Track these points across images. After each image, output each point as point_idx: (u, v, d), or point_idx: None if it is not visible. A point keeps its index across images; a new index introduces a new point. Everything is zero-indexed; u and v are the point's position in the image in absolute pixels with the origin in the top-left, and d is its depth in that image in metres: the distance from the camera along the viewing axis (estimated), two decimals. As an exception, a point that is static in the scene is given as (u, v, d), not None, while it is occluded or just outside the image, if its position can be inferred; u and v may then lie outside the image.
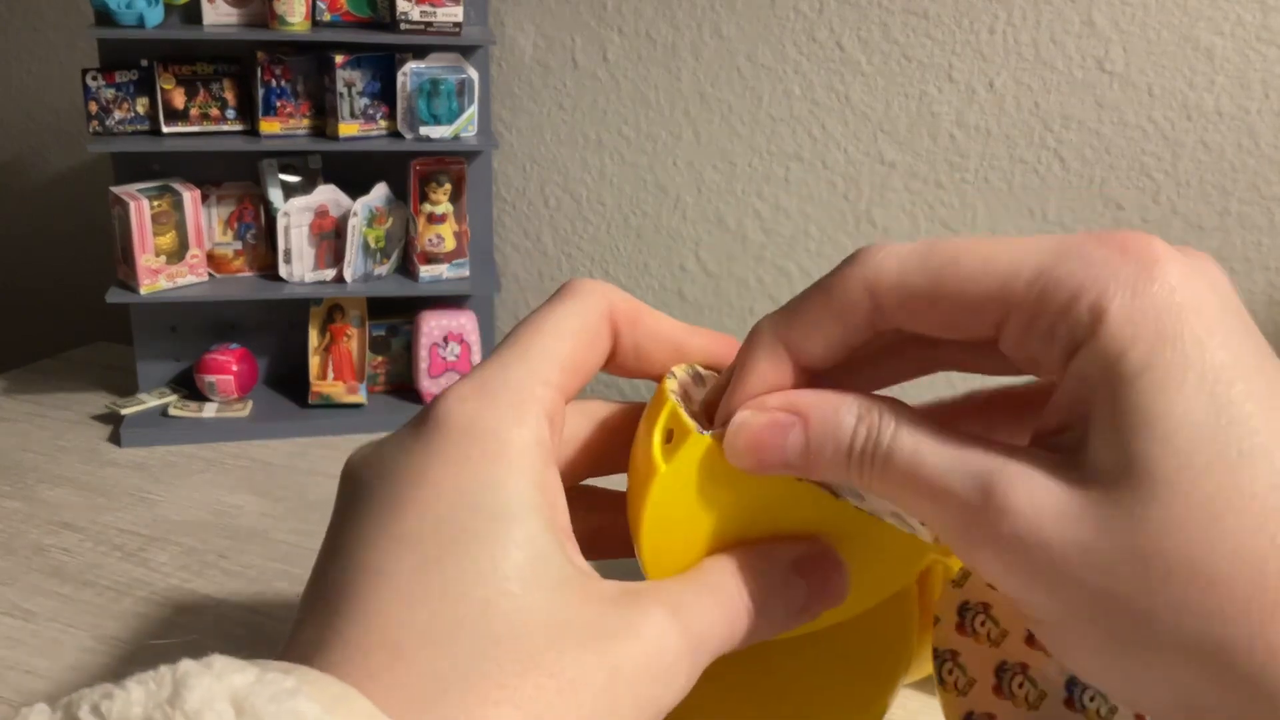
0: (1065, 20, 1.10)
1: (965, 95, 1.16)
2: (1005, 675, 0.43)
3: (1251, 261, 1.12)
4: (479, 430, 0.28)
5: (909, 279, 0.29)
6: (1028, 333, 0.28)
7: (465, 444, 0.28)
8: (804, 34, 1.20)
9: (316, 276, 1.20)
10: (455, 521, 0.26)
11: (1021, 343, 0.28)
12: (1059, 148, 1.14)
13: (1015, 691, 0.42)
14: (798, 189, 1.25)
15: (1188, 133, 1.10)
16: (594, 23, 1.27)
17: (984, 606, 0.44)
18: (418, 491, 0.27)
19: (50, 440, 1.15)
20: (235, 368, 1.21)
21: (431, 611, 0.25)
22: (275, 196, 1.19)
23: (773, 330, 0.32)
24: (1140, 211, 1.14)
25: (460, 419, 0.28)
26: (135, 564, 0.91)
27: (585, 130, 1.30)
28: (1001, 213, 1.18)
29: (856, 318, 0.30)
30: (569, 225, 1.35)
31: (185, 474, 1.08)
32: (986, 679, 0.43)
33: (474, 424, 0.28)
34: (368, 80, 1.16)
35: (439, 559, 0.25)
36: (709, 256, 1.31)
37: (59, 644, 0.80)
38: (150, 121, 1.17)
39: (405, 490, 0.27)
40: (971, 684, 0.43)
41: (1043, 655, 0.43)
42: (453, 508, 0.26)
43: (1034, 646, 0.50)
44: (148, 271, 1.15)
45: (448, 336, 1.23)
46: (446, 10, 1.13)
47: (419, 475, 0.27)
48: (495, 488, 0.27)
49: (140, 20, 1.09)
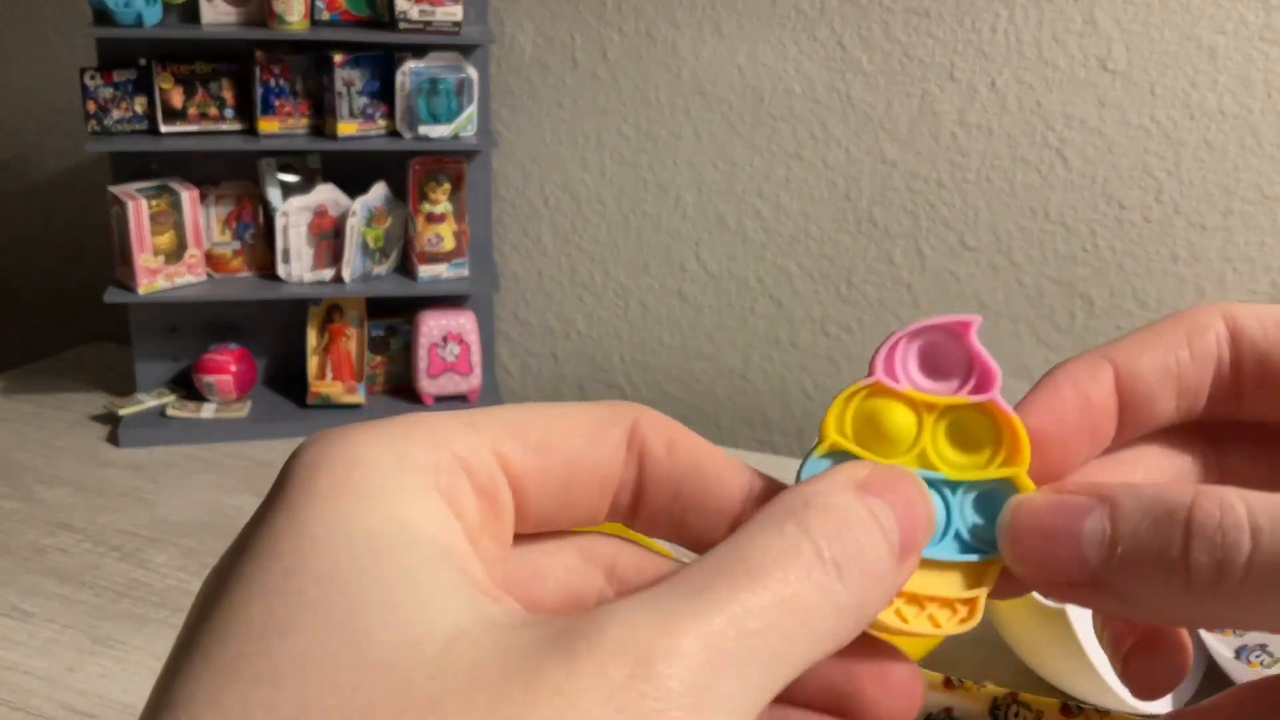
0: (1067, 19, 1.10)
1: (967, 94, 1.15)
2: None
3: (1254, 261, 1.12)
4: (329, 466, 0.20)
5: (1270, 329, 0.23)
6: None
7: (309, 483, 0.20)
8: (805, 33, 1.19)
9: (315, 276, 1.19)
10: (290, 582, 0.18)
11: None
12: (1061, 147, 1.14)
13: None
14: (798, 188, 1.24)
15: (1190, 132, 1.10)
16: (594, 21, 1.26)
17: (946, 713, 0.44)
18: (243, 558, 0.19)
19: (48, 441, 1.15)
20: (234, 368, 1.20)
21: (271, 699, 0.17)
22: (274, 196, 1.18)
23: (1095, 350, 0.25)
24: (1142, 211, 1.14)
25: (309, 457, 0.21)
26: (133, 565, 0.91)
27: (585, 129, 1.30)
28: (1003, 212, 1.18)
29: (1206, 344, 0.24)
30: (569, 225, 1.34)
31: (184, 474, 1.08)
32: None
33: (323, 460, 0.20)
34: (367, 79, 1.16)
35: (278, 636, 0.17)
36: (709, 256, 1.30)
37: (57, 644, 0.79)
38: (148, 121, 1.17)
39: (235, 560, 0.19)
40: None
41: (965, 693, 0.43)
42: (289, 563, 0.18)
43: (950, 689, 0.51)
44: (146, 271, 1.14)
45: (447, 336, 1.23)
46: (446, 9, 1.13)
47: (250, 538, 0.19)
48: (351, 519, 0.19)
49: (138, 19, 1.09)
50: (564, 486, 0.23)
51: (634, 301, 1.35)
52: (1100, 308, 1.18)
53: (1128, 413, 0.25)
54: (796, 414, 1.33)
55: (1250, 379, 0.24)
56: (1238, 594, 0.20)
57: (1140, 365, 0.24)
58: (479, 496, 0.22)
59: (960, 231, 1.20)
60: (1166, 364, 0.24)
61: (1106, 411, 0.24)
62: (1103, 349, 0.25)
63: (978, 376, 0.24)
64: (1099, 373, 0.24)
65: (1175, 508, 0.21)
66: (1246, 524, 0.20)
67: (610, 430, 0.23)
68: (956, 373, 0.25)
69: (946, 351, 0.25)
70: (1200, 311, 0.24)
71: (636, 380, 1.37)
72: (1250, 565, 0.20)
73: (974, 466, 0.24)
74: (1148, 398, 0.24)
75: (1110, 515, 0.22)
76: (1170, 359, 0.24)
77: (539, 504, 0.23)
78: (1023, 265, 1.19)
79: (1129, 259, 1.16)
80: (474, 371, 1.24)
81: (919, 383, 0.25)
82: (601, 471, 0.23)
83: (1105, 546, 0.21)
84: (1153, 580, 0.21)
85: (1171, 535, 0.21)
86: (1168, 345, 0.24)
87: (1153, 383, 0.24)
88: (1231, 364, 0.24)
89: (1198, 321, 0.24)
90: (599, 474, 0.23)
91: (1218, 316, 0.24)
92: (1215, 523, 0.20)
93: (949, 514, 0.24)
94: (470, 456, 0.22)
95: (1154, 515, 0.21)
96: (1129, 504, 0.21)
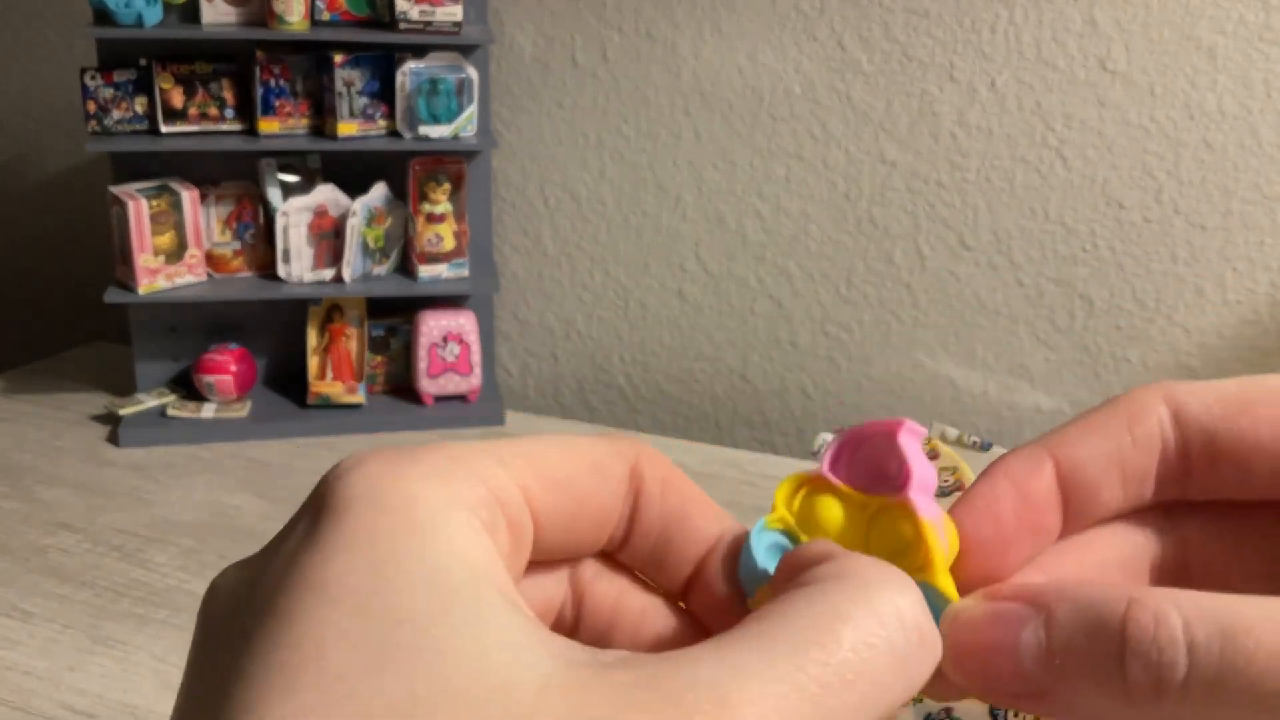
0: (1067, 19, 1.10)
1: (967, 94, 1.15)
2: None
3: (1254, 261, 1.12)
4: (387, 500, 0.20)
5: (1212, 406, 0.23)
6: None
7: (370, 518, 0.19)
8: (804, 33, 1.19)
9: (315, 276, 1.19)
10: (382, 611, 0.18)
11: None
12: (1061, 147, 1.14)
13: None
14: (798, 188, 1.24)
15: (1190, 132, 1.10)
16: (594, 21, 1.26)
17: (946, 712, 0.44)
18: (301, 591, 0.18)
19: (48, 440, 1.15)
20: (234, 368, 1.20)
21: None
22: (274, 196, 1.18)
23: (1035, 442, 0.25)
24: (1142, 211, 1.14)
25: (361, 489, 0.20)
26: (134, 564, 0.91)
27: (585, 129, 1.30)
28: (1003, 212, 1.18)
29: (1148, 429, 0.24)
30: (569, 225, 1.34)
31: (184, 474, 1.08)
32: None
33: (378, 493, 0.20)
34: (367, 79, 1.16)
35: (372, 671, 0.17)
36: (709, 256, 1.30)
37: (57, 644, 0.80)
38: (149, 121, 1.17)
39: (286, 591, 0.19)
40: None
41: None
42: (374, 596, 0.18)
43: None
44: (146, 271, 1.14)
45: (447, 336, 1.23)
46: (446, 9, 1.13)
47: (302, 568, 0.19)
48: (422, 559, 0.19)
49: (139, 19, 1.09)
50: (573, 520, 0.23)
51: (634, 301, 1.35)
52: (1100, 308, 1.18)
53: (1072, 504, 0.24)
54: (796, 414, 1.33)
55: (1198, 458, 0.24)
56: (1178, 708, 0.19)
57: (1080, 454, 0.24)
58: (509, 532, 0.22)
59: (960, 232, 1.20)
60: (1107, 451, 0.24)
61: (1047, 506, 0.24)
62: (1042, 440, 0.24)
63: (901, 477, 0.25)
64: (1038, 466, 0.24)
65: (1109, 618, 0.20)
66: (1181, 639, 0.19)
67: (615, 467, 0.24)
68: (897, 474, 0.25)
69: (889, 452, 0.25)
70: (1139, 394, 0.24)
71: (636, 380, 1.37)
72: (1188, 682, 0.19)
73: (906, 569, 0.24)
74: (1091, 487, 0.24)
75: (1046, 625, 0.21)
76: (1111, 445, 0.24)
77: (550, 536, 0.23)
78: (1022, 265, 1.19)
79: (1128, 259, 1.16)
80: (474, 371, 1.24)
81: (856, 481, 0.25)
82: (605, 508, 0.24)
83: (1043, 658, 0.21)
84: (1093, 692, 0.20)
85: (1107, 648, 0.20)
86: (1108, 432, 0.24)
87: (1095, 472, 0.24)
88: (1177, 445, 0.24)
89: (1137, 405, 0.24)
90: (604, 509, 0.24)
91: (1159, 399, 0.24)
92: (1149, 637, 0.20)
93: None
94: (503, 492, 0.22)
95: (1088, 626, 0.20)
96: (1063, 613, 0.21)
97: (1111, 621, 0.20)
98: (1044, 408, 1.23)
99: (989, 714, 0.56)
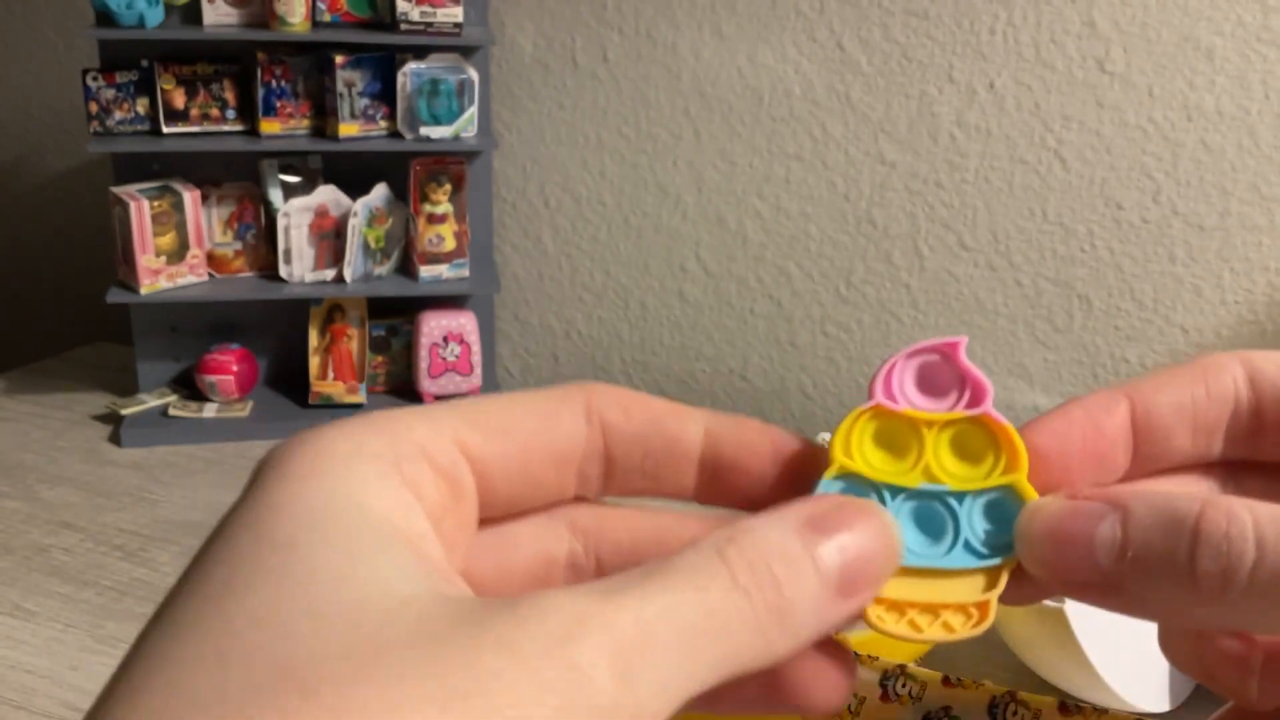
0: (1066, 21, 1.10)
1: (965, 95, 1.16)
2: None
3: (1252, 261, 1.12)
4: (298, 458, 0.22)
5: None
6: None
7: (279, 471, 0.22)
8: (804, 34, 1.20)
9: (316, 277, 1.20)
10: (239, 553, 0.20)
11: None
12: (1059, 148, 1.14)
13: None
14: (798, 189, 1.25)
15: (1188, 133, 1.10)
16: (594, 22, 1.27)
17: (945, 711, 0.44)
18: (212, 537, 0.21)
19: (50, 440, 1.15)
20: (235, 368, 1.21)
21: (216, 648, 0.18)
22: (275, 197, 1.19)
23: (1114, 386, 0.26)
24: (1140, 212, 1.14)
25: (280, 454, 0.22)
26: (136, 564, 0.91)
27: (585, 130, 1.30)
28: (1002, 213, 1.18)
29: (1223, 384, 0.25)
30: (569, 225, 1.35)
31: (185, 474, 1.08)
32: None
33: (293, 454, 0.22)
34: (368, 80, 1.16)
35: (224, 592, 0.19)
36: (709, 256, 1.31)
37: (59, 644, 0.80)
38: (150, 122, 1.17)
39: (208, 541, 0.21)
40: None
41: (963, 692, 0.44)
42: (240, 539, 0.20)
43: (949, 687, 0.53)
44: (148, 272, 1.15)
45: (448, 336, 1.23)
46: (446, 10, 1.13)
47: (221, 522, 0.21)
48: (313, 497, 0.21)
49: (140, 20, 1.09)
50: (524, 466, 0.24)
51: (634, 302, 1.35)
52: (1098, 308, 1.19)
53: (1143, 447, 0.25)
54: (796, 414, 1.33)
55: (1272, 419, 0.25)
56: (1242, 601, 0.21)
57: (1156, 400, 0.25)
58: (440, 481, 0.23)
59: (959, 232, 1.21)
60: (1182, 401, 0.25)
61: (1118, 442, 0.25)
62: (1120, 385, 0.26)
63: (971, 392, 0.26)
64: (1114, 405, 0.25)
65: (1184, 516, 0.21)
66: (1251, 534, 0.21)
67: (563, 408, 0.25)
68: (951, 390, 0.26)
69: (940, 370, 0.26)
70: (1218, 356, 0.25)
71: (636, 380, 1.38)
72: (1255, 574, 0.21)
73: (976, 477, 0.26)
74: (1163, 432, 0.25)
75: (1122, 521, 0.22)
76: (1186, 396, 0.25)
77: (504, 486, 0.24)
78: (1021, 266, 1.20)
79: (1127, 259, 1.16)
80: (474, 371, 1.24)
81: (916, 402, 0.26)
82: (559, 448, 0.25)
83: (1117, 551, 0.22)
84: (1161, 585, 0.22)
85: (1179, 543, 0.21)
86: (1184, 383, 0.25)
87: (1168, 417, 0.25)
88: (1251, 405, 0.25)
89: (1214, 364, 0.25)
90: (556, 451, 0.25)
91: (1235, 361, 0.25)
92: (1222, 532, 0.21)
93: (957, 524, 0.25)
94: (429, 444, 0.23)
95: (1163, 523, 0.22)
96: (1140, 511, 0.22)
97: (1186, 518, 0.21)
98: (1043, 408, 1.24)
99: (987, 712, 0.56)
